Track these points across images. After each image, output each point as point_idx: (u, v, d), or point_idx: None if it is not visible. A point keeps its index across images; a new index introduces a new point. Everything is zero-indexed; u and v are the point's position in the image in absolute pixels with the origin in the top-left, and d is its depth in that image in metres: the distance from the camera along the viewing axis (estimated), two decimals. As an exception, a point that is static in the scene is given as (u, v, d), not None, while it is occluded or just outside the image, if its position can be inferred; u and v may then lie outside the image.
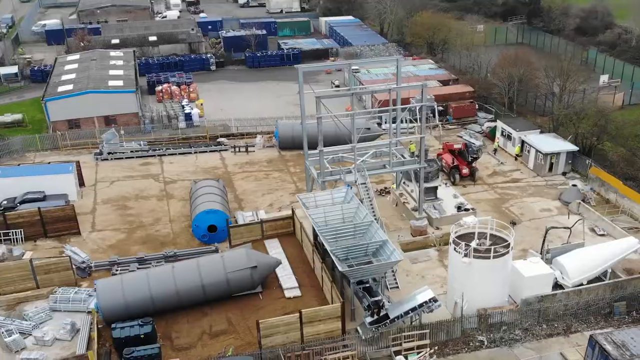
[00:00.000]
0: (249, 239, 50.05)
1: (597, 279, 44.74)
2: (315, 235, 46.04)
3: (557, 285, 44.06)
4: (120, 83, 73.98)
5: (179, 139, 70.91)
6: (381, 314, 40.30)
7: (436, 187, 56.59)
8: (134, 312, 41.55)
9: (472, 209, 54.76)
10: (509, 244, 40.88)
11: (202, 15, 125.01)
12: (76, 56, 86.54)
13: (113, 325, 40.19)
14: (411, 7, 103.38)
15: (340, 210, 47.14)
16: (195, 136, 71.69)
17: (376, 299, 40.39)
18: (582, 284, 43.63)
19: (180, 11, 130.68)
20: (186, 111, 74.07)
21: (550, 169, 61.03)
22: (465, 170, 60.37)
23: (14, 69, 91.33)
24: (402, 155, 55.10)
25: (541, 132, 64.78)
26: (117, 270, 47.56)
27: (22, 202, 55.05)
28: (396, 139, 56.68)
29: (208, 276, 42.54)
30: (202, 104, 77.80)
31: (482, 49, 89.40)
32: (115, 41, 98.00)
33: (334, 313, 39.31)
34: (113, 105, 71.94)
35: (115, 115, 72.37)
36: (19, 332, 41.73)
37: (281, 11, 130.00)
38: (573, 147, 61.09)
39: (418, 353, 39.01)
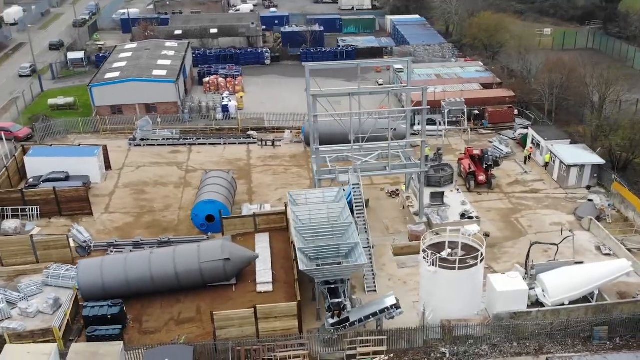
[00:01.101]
0: (241, 231, 50.40)
1: (585, 299, 42.23)
2: (301, 232, 45.91)
3: (538, 303, 41.93)
4: (163, 73, 76.20)
5: (211, 130, 72.25)
6: (342, 317, 39.75)
7: (443, 193, 55.01)
8: (111, 293, 42.90)
9: (477, 217, 52.83)
10: (478, 255, 39.23)
11: (272, 9, 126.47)
12: (134, 45, 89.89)
13: (84, 304, 41.78)
14: (474, 7, 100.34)
15: (325, 209, 46.79)
16: (228, 128, 72.83)
17: (337, 300, 39.85)
18: (563, 304, 41.24)
19: (255, 5, 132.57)
20: (223, 103, 75.34)
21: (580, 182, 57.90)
22: (481, 177, 58.28)
23: (80, 55, 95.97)
24: (409, 158, 53.86)
25: (572, 143, 61.47)
26: (111, 252, 49.26)
27: (46, 180, 57.82)
28: (406, 141, 55.68)
29: (182, 264, 43.30)
30: (241, 97, 78.95)
31: (542, 53, 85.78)
32: (178, 32, 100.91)
33: (290, 311, 39.15)
34: (154, 93, 74.23)
35: (156, 103, 74.61)
36: (7, 302, 44.13)
37: (352, 8, 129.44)
38: (599, 160, 57.64)
39: (372, 359, 38.24)
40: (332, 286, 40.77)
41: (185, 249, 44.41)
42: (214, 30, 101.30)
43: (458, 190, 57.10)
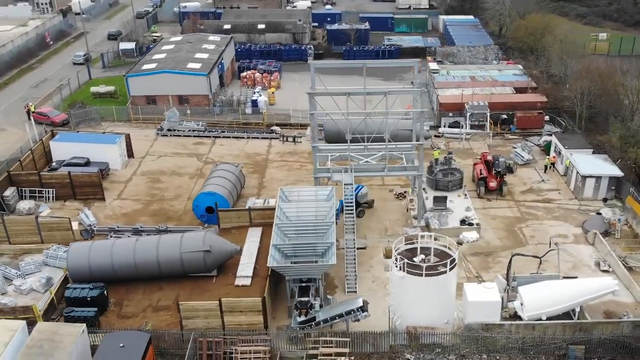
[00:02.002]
0: (236, 225, 50.74)
1: (567, 316, 40.34)
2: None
3: (517, 316, 40.39)
4: (197, 66, 77.55)
5: (237, 124, 73.03)
6: (309, 316, 39.53)
7: (445, 197, 53.69)
8: (97, 276, 44.15)
9: (477, 224, 51.31)
10: (447, 263, 38.10)
11: (327, 7, 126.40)
12: (178, 38, 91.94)
13: (68, 286, 43.17)
14: (527, 9, 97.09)
15: (314, 207, 46.59)
16: (255, 122, 73.41)
17: (303, 299, 39.64)
18: (540, 319, 39.52)
19: (313, 2, 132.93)
20: (253, 98, 76.00)
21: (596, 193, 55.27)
22: (492, 184, 56.45)
23: (131, 45, 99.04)
24: (413, 161, 52.77)
25: (595, 153, 58.69)
26: (111, 236, 50.64)
27: (67, 165, 60.03)
28: (411, 143, 54.59)
29: (164, 253, 44.03)
30: (273, 92, 79.38)
31: (592, 58, 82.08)
32: (227, 27, 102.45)
33: (254, 306, 39.20)
34: (186, 85, 75.68)
35: (188, 95, 76.06)
36: (6, 279, 46.20)
37: (409, 7, 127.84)
38: (617, 172, 54.79)
39: (332, 360, 37.85)
40: (304, 284, 40.58)
41: (168, 238, 45.15)
42: (261, 26, 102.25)
43: (466, 195, 55.57)
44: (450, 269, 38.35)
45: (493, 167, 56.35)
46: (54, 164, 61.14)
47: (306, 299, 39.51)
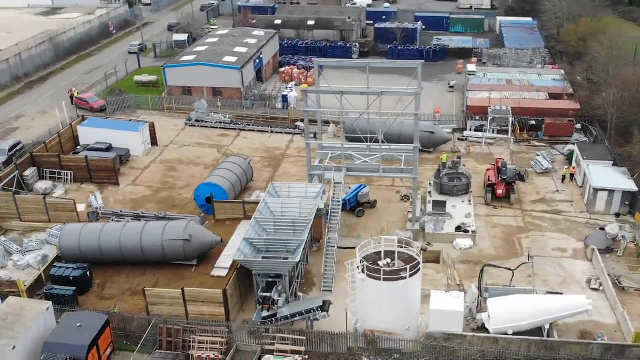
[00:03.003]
0: (231, 217, 51.18)
1: (539, 332, 38.54)
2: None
3: (484, 328, 38.98)
4: (233, 59, 78.53)
5: (265, 118, 73.48)
6: (271, 311, 39.51)
7: (445, 202, 52.29)
8: (86, 257, 45.75)
9: (473, 232, 49.70)
10: (408, 268, 37.15)
11: (385, 5, 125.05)
12: (225, 31, 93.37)
13: (54, 264, 44.84)
14: (581, 12, 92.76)
15: (298, 204, 46.42)
16: (282, 117, 73.67)
17: (265, 294, 39.62)
18: (506, 333, 37.93)
19: (374, 0, 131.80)
20: (283, 93, 76.31)
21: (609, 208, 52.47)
22: (499, 191, 54.45)
23: (184, 37, 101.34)
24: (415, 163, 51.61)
25: (614, 165, 55.64)
26: (112, 220, 52.19)
27: (90, 149, 62.25)
28: (413, 145, 53.31)
29: (147, 240, 45.01)
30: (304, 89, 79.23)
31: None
32: (277, 22, 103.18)
33: (216, 298, 39.50)
34: (220, 78, 76.84)
35: (221, 88, 77.21)
36: (8, 253, 48.54)
37: (470, 7, 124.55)
38: (632, 187, 51.71)
39: (285, 357, 37.67)
40: (271, 280, 40.54)
41: (153, 225, 46.10)
42: (310, 22, 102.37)
43: (470, 201, 53.89)
44: (412, 275, 37.38)
45: (500, 174, 54.32)
46: (79, 147, 63.50)
47: (268, 294, 39.42)
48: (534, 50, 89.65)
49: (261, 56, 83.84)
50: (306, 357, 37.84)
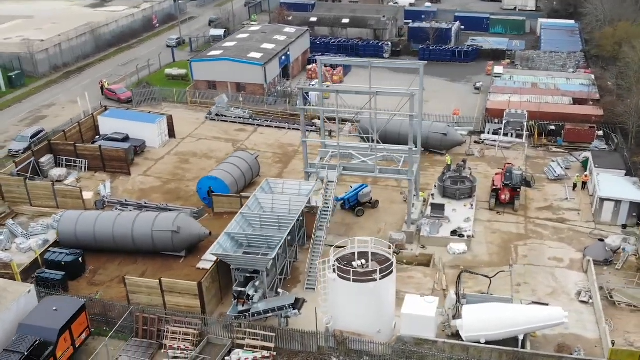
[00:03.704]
0: (228, 210, 51.47)
1: (515, 342, 37.35)
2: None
3: (458, 335, 38.08)
4: (258, 56, 78.87)
5: (284, 115, 73.53)
6: (245, 306, 39.62)
7: (443, 205, 51.26)
8: (82, 243, 46.97)
9: (469, 236, 48.58)
10: (378, 270, 36.60)
11: (426, 4, 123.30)
12: (256, 27, 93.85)
13: (49, 249, 46.06)
14: (621, 16, 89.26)
15: (287, 201, 46.34)
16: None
17: (239, 289, 39.72)
18: (479, 341, 36.94)
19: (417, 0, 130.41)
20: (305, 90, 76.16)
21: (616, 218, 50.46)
22: (503, 197, 53.00)
23: (220, 32, 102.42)
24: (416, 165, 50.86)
25: (627, 174, 53.44)
26: (116, 209, 53.23)
27: (107, 139, 63.68)
28: (408, 146, 52.33)
29: (138, 230, 45.84)
30: (328, 86, 78.95)
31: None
32: (313, 19, 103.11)
33: (191, 290, 39.82)
34: (243, 74, 77.36)
35: (245, 83, 77.73)
36: (13, 235, 50.16)
37: (514, 8, 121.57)
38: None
39: (253, 352, 37.72)
40: (248, 275, 40.60)
41: (145, 216, 46.83)
42: (345, 20, 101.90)
43: (472, 206, 52.67)
44: (384, 277, 36.81)
45: (504, 179, 52.90)
46: (97, 137, 65.03)
47: (243, 289, 39.49)
48: (569, 53, 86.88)
49: (288, 53, 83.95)
50: (274, 353, 37.76)
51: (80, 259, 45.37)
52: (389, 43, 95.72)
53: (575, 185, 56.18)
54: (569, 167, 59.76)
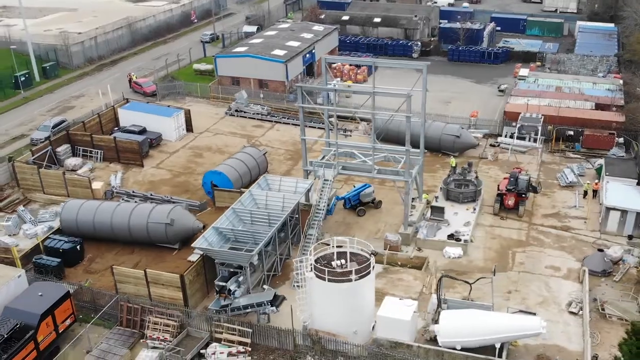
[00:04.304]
0: (228, 205, 51.62)
1: (493, 350, 36.46)
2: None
3: (436, 340, 37.40)
4: (281, 53, 78.97)
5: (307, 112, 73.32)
6: (226, 301, 39.81)
7: (442, 208, 50.38)
8: (82, 231, 48.01)
9: (465, 241, 47.61)
10: (354, 271, 36.24)
11: (464, 5, 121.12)
12: (285, 25, 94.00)
13: (49, 236, 47.21)
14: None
15: (281, 198, 46.31)
16: (320, 112, 73.16)
17: (222, 284, 39.93)
18: (454, 348, 36.20)
19: (456, 0, 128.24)
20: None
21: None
22: (508, 202, 51.75)
23: (253, 28, 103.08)
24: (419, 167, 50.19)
25: (639, 183, 51.44)
26: (123, 199, 54.16)
27: (124, 131, 64.89)
28: (405, 148, 51.54)
29: (134, 221, 46.54)
30: (349, 85, 78.44)
31: None
32: (345, 18, 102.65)
33: (174, 282, 40.20)
34: (265, 70, 77.57)
35: (267, 80, 77.95)
36: (23, 221, 51.65)
37: (555, 10, 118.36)
38: (648, 208, 47.66)
39: (229, 347, 37.88)
40: (232, 270, 40.77)
41: (142, 207, 47.50)
42: (377, 19, 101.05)
43: (475, 209, 51.59)
44: (361, 278, 36.43)
45: (508, 184, 51.62)
46: (115, 128, 66.30)
47: (223, 283, 39.68)
48: (602, 57, 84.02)
49: (313, 51, 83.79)
50: (249, 349, 37.81)
51: (78, 247, 46.36)
52: (419, 43, 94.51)
53: (585, 193, 54.41)
54: (583, 174, 57.90)
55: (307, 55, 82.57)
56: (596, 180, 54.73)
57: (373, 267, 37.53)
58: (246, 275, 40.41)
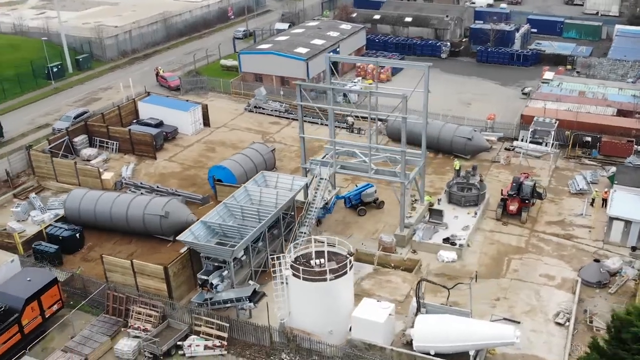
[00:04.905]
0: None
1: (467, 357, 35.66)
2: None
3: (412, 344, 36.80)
4: (304, 51, 78.86)
5: (321, 110, 72.90)
6: (208, 295, 40.05)
7: (441, 211, 49.48)
8: (84, 220, 49.07)
9: (461, 245, 46.67)
10: (328, 271, 35.94)
11: (501, 6, 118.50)
12: (314, 23, 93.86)
13: (50, 224, 48.35)
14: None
15: (274, 194, 46.30)
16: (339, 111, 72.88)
17: (204, 277, 40.14)
18: (428, 353, 35.53)
19: (496, 0, 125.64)
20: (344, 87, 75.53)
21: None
22: (511, 207, 50.47)
23: (285, 25, 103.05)
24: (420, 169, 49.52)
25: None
26: (130, 190, 55.03)
27: (142, 124, 65.92)
28: (400, 149, 50.73)
29: (132, 211, 47.26)
30: (370, 84, 78.01)
31: None
32: (376, 17, 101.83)
33: (158, 273, 40.60)
34: (287, 68, 77.64)
35: (289, 77, 77.99)
36: (31, 207, 53.08)
37: (597, 13, 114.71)
38: (652, 220, 45.73)
39: (206, 340, 38.10)
40: (217, 264, 40.96)
41: (140, 199, 48.19)
42: (408, 19, 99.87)
43: (476, 214, 50.50)
44: (337, 277, 36.11)
45: (510, 189, 50.35)
46: (134, 121, 67.41)
47: (205, 277, 39.88)
48: (635, 62, 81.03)
49: (338, 49, 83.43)
50: (225, 343, 37.92)
51: (77, 235, 47.34)
52: (448, 43, 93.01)
53: (593, 201, 52.60)
54: (597, 181, 55.98)
55: (331, 53, 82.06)
56: (606, 189, 52.81)
57: (351, 267, 37.15)
58: (230, 270, 40.48)
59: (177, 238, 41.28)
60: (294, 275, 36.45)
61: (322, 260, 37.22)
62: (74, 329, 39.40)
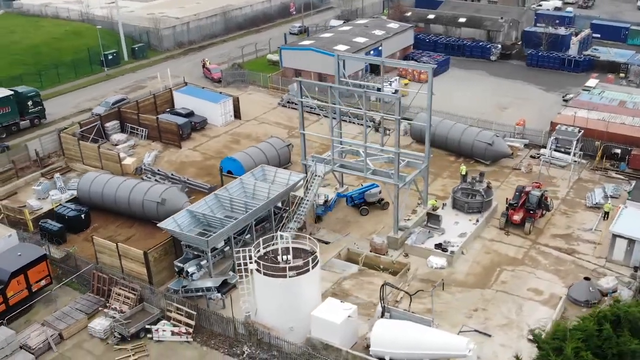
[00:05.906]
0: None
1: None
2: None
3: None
4: (343, 48, 78.10)
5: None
6: (185, 282, 40.59)
7: (439, 216, 47.97)
8: (93, 201, 50.84)
9: (452, 252, 45.09)
10: (288, 268, 35.61)
11: (568, 9, 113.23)
12: (363, 21, 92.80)
13: (59, 204, 50.27)
14: None
15: (267, 188, 46.30)
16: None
17: (180, 265, 40.66)
18: (383, 358, 34.62)
19: (565, 3, 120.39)
20: (378, 86, 74.31)
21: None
22: (515, 217, 48.30)
23: (339, 22, 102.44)
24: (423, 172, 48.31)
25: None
26: (147, 177, 56.37)
27: (174, 113, 67.44)
28: (396, 150, 49.58)
29: (133, 196, 48.45)
30: (406, 84, 76.64)
31: None
32: (430, 16, 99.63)
33: (138, 258, 41.43)
34: (324, 64, 76.81)
35: (326, 74, 77.47)
36: (52, 186, 55.38)
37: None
38: (658, 240, 42.56)
39: (174, 326, 38.63)
40: (196, 253, 41.42)
41: (143, 185, 49.26)
42: (461, 19, 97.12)
43: (477, 221, 48.66)
44: (297, 275, 35.74)
45: (513, 198, 48.16)
46: (168, 110, 69.02)
47: (181, 265, 40.38)
48: (693, 72, 75.67)
49: (380, 48, 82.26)
50: (191, 330, 38.28)
51: (82, 216, 48.98)
52: (499, 45, 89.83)
53: (606, 215, 49.52)
54: (618, 195, 52.65)
55: (372, 52, 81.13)
56: (621, 205, 49.55)
57: (316, 264, 36.61)
58: (208, 260, 40.80)
59: (158, 225, 41.92)
60: (256, 270, 36.30)
61: (289, 257, 36.86)
62: (56, 304, 40.83)
